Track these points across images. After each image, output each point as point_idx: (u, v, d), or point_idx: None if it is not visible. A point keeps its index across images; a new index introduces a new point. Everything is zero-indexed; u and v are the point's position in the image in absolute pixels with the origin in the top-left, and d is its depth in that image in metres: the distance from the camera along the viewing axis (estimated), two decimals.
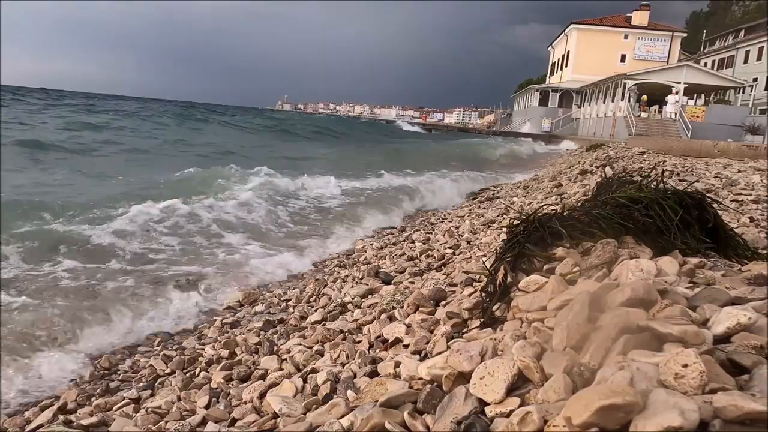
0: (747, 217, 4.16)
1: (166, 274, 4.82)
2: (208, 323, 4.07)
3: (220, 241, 6.06)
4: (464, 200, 10.17)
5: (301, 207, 8.44)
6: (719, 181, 7.31)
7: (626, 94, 29.15)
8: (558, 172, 12.10)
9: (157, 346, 3.63)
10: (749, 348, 1.20)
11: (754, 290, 1.57)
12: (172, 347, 3.60)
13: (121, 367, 3.36)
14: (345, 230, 7.16)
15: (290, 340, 3.16)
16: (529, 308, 1.78)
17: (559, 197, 6.66)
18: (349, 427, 1.54)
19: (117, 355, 3.52)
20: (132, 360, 3.45)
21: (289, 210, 8.04)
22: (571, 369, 1.23)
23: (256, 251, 5.81)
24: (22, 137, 15.17)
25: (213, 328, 3.90)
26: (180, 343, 3.67)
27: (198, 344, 3.59)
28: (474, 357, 1.48)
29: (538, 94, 42.36)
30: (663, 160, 11.01)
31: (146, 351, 3.59)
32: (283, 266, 5.40)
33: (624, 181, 2.80)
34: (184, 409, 2.50)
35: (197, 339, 3.72)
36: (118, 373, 3.28)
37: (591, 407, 0.95)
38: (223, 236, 6.26)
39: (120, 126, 23.46)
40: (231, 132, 27.29)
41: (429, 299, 2.79)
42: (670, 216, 2.17)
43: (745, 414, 0.91)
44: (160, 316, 4.08)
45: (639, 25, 41.54)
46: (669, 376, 1.04)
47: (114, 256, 5.16)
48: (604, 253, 1.97)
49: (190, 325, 4.07)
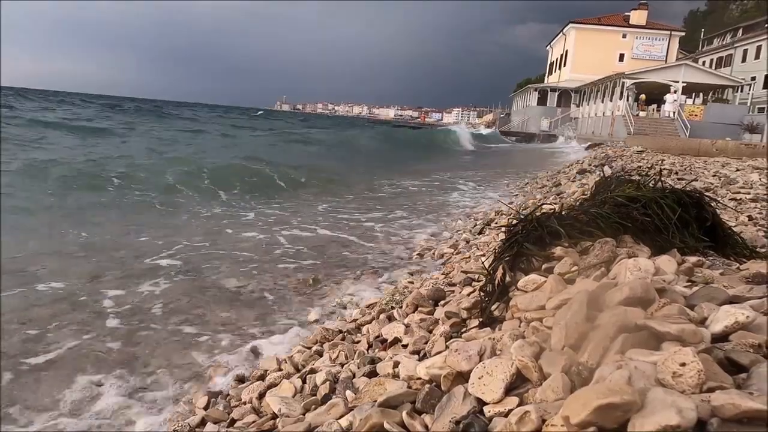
0: (745, 216, 4.17)
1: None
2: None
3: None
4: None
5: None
6: (718, 179, 7.32)
7: (625, 93, 29.16)
8: (557, 172, 12.10)
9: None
10: (747, 346, 1.20)
11: (752, 289, 1.58)
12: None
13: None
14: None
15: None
16: (527, 308, 1.78)
17: (558, 196, 6.66)
18: (347, 427, 1.54)
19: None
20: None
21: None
22: (570, 368, 1.23)
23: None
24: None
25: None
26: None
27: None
28: (472, 356, 1.48)
29: (537, 94, 42.36)
30: (661, 159, 11.03)
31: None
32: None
33: (622, 180, 2.81)
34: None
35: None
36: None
37: (589, 406, 0.95)
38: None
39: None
40: (295, 148, 20.48)
41: (428, 299, 2.80)
42: (668, 215, 2.17)
43: (742, 412, 0.91)
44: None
45: (637, 25, 41.56)
46: (667, 374, 1.04)
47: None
48: (602, 252, 1.97)
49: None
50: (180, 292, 4.11)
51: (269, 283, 4.37)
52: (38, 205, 7.34)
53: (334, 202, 8.93)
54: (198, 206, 8.06)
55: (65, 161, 10.88)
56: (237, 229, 6.48)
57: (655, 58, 39.66)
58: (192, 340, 3.27)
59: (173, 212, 7.56)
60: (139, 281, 4.32)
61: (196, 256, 5.15)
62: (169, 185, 9.38)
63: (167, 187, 9.24)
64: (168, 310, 3.75)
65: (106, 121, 27.00)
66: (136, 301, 3.89)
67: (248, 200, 8.86)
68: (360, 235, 6.35)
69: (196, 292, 4.13)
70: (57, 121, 22.53)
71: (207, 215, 7.43)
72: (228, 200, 8.73)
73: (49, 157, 11.43)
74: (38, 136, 15.91)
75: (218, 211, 7.74)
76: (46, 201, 7.64)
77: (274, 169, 11.63)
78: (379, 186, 11.51)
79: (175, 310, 3.75)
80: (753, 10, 57.29)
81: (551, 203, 5.50)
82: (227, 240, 5.91)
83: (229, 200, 8.73)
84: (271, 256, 5.24)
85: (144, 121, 29.97)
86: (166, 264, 4.85)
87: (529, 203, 6.41)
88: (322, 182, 11.37)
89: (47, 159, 10.96)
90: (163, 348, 3.16)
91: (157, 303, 3.88)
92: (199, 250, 5.36)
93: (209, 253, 5.26)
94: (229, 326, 3.49)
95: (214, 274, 4.60)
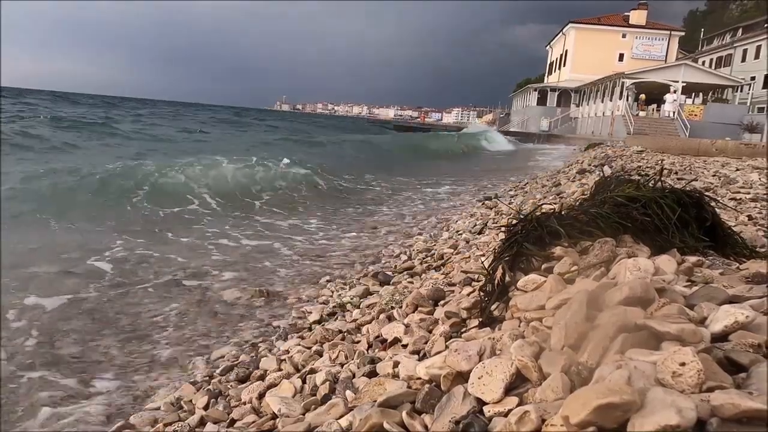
0: (745, 216, 4.17)
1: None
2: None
3: None
4: None
5: None
6: (717, 179, 7.32)
7: (624, 93, 29.19)
8: (556, 172, 12.10)
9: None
10: (747, 346, 1.20)
11: (752, 288, 1.58)
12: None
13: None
14: None
15: (289, 341, 3.16)
16: (527, 307, 1.78)
17: (558, 196, 6.66)
18: (347, 427, 1.54)
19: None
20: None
21: None
22: (569, 368, 1.23)
23: None
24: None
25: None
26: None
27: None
28: (472, 356, 1.47)
29: (537, 94, 42.38)
30: (661, 159, 11.03)
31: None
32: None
33: (622, 179, 2.81)
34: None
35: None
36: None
37: (589, 406, 0.95)
38: None
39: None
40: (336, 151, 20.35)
41: (428, 299, 2.79)
42: (668, 215, 2.17)
43: (742, 412, 0.91)
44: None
45: (637, 24, 41.60)
46: (666, 374, 1.04)
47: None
48: (602, 252, 1.97)
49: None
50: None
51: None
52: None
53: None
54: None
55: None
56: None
57: (654, 57, 39.69)
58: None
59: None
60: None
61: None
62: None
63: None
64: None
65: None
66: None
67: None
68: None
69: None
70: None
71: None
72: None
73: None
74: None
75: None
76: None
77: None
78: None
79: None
80: (753, 10, 57.30)
81: (551, 203, 5.50)
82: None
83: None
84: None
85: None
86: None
87: (529, 203, 6.41)
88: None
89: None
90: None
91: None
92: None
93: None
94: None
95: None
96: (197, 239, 6.21)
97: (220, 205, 8.49)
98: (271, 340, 3.30)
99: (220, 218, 7.63)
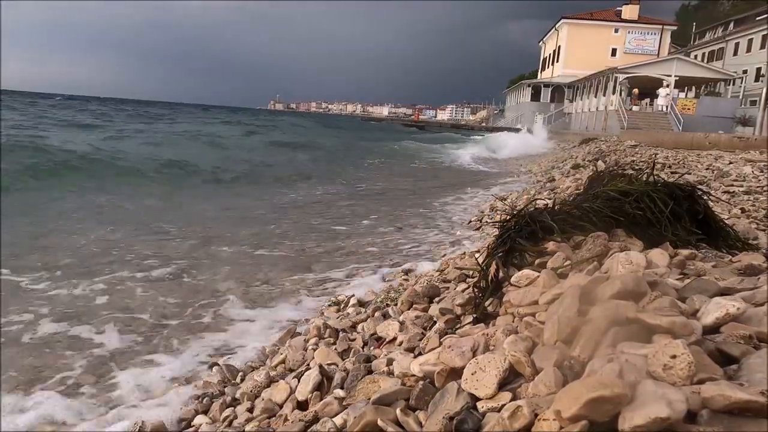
0: (738, 208, 4.19)
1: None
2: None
3: None
4: None
5: None
6: (711, 172, 7.35)
7: (617, 88, 29.24)
8: (551, 167, 12.12)
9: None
10: (738, 338, 1.20)
11: (743, 280, 1.58)
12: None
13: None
14: None
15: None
16: (520, 303, 1.78)
17: (552, 191, 6.67)
18: (342, 425, 1.54)
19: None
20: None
21: None
22: (562, 362, 1.23)
23: None
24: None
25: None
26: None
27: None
28: (466, 352, 1.48)
29: (530, 90, 42.41)
30: (655, 153, 11.06)
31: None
32: None
33: (615, 174, 2.81)
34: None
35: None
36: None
37: (580, 400, 0.95)
38: None
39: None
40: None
41: (422, 296, 2.80)
42: (660, 208, 2.18)
43: (732, 403, 0.91)
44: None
45: (629, 19, 41.64)
46: (658, 367, 1.04)
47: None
48: (594, 247, 1.98)
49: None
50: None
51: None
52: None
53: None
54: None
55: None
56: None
57: (647, 52, 39.74)
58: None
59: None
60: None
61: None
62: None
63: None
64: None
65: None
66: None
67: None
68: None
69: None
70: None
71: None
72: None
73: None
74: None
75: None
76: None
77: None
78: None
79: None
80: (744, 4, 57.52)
81: (544, 198, 5.51)
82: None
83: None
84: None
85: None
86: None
87: (523, 198, 6.42)
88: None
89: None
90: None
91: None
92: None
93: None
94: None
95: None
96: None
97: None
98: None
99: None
